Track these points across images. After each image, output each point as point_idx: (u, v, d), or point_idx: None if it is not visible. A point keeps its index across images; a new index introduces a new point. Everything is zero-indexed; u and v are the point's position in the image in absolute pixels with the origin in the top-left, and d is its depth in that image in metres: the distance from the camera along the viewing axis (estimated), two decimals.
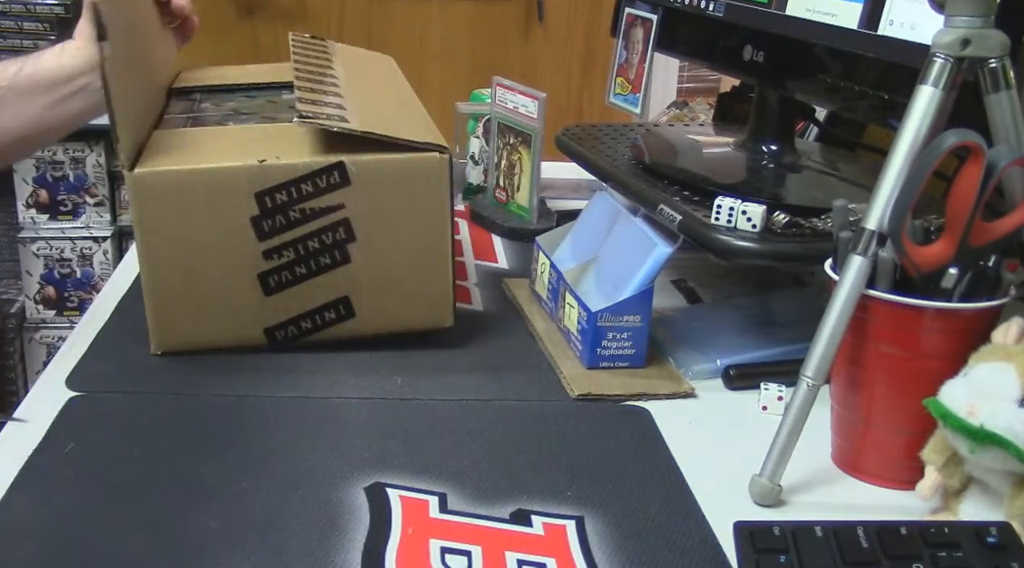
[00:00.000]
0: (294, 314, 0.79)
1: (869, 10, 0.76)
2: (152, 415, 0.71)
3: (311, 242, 0.77)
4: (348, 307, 0.79)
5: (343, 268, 0.78)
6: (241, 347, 0.79)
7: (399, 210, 0.77)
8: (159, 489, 0.63)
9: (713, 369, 0.81)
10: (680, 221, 0.80)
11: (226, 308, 0.78)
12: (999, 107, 0.63)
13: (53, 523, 0.59)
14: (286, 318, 0.79)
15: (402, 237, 0.78)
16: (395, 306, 0.80)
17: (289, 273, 0.77)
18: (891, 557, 0.52)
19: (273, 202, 0.75)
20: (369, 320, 0.80)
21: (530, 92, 1.07)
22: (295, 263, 0.77)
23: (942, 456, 0.60)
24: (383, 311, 0.80)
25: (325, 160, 0.75)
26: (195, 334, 0.78)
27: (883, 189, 0.62)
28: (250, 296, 0.78)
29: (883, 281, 0.64)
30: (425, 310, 0.81)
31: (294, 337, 0.80)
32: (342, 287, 0.79)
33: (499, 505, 0.63)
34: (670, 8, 0.98)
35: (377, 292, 0.79)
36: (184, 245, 0.75)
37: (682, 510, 0.63)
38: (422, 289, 0.80)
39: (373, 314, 0.80)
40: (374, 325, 0.80)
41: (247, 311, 0.78)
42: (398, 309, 0.80)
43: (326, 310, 0.79)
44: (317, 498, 0.62)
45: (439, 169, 0.77)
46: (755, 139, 0.95)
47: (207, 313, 0.78)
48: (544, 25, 2.54)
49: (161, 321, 0.78)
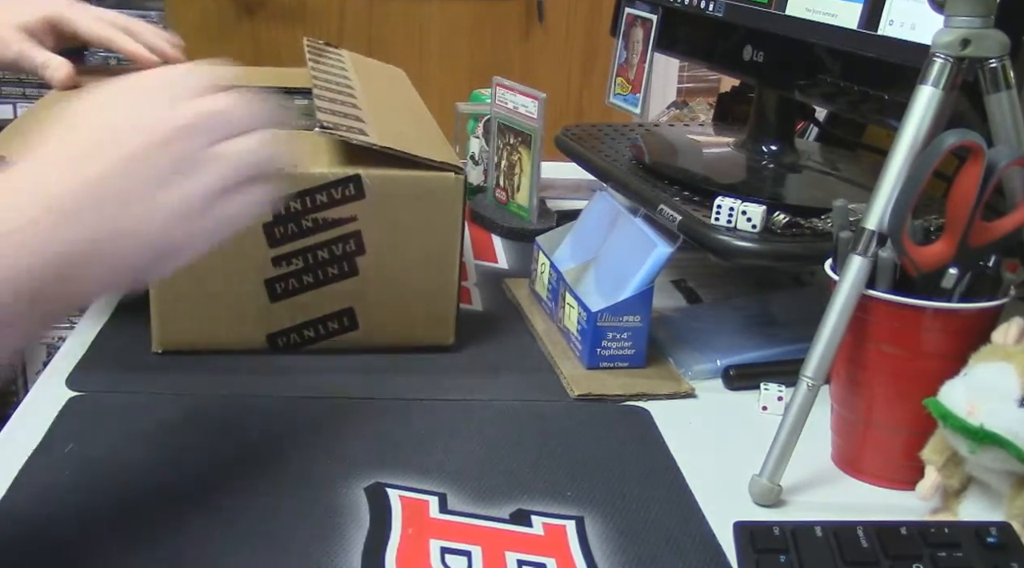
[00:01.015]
0: (298, 322, 0.79)
1: (869, 10, 0.76)
2: (152, 415, 0.71)
3: (321, 252, 0.77)
4: (352, 318, 0.79)
5: (350, 280, 0.78)
6: (243, 350, 0.79)
7: (410, 227, 0.77)
8: (159, 489, 0.63)
9: (713, 369, 0.81)
10: (680, 221, 0.80)
11: (230, 311, 0.78)
12: (999, 107, 0.63)
13: (53, 523, 0.59)
14: (290, 325, 0.79)
15: (411, 254, 0.78)
16: (399, 321, 0.80)
17: (296, 281, 0.78)
18: (891, 557, 0.52)
19: (287, 210, 0.75)
20: (372, 333, 0.80)
21: (530, 92, 1.07)
22: (303, 271, 0.77)
23: (942, 456, 0.60)
24: (386, 325, 0.80)
25: (343, 172, 0.75)
26: (197, 334, 0.78)
27: (883, 189, 0.62)
28: (255, 301, 0.78)
29: (883, 281, 0.64)
30: (428, 327, 0.81)
31: (296, 344, 0.80)
32: (347, 298, 0.79)
33: (499, 505, 0.63)
34: (670, 8, 0.98)
35: (382, 306, 0.79)
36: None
37: (682, 510, 0.63)
38: (426, 306, 0.80)
39: (376, 327, 0.80)
40: (376, 338, 0.80)
41: (251, 315, 0.78)
42: (401, 324, 0.80)
43: (330, 320, 0.79)
44: (317, 498, 0.62)
45: (454, 189, 0.77)
46: (755, 139, 0.95)
47: (211, 314, 0.78)
48: (544, 25, 2.55)
49: (165, 319, 0.78)
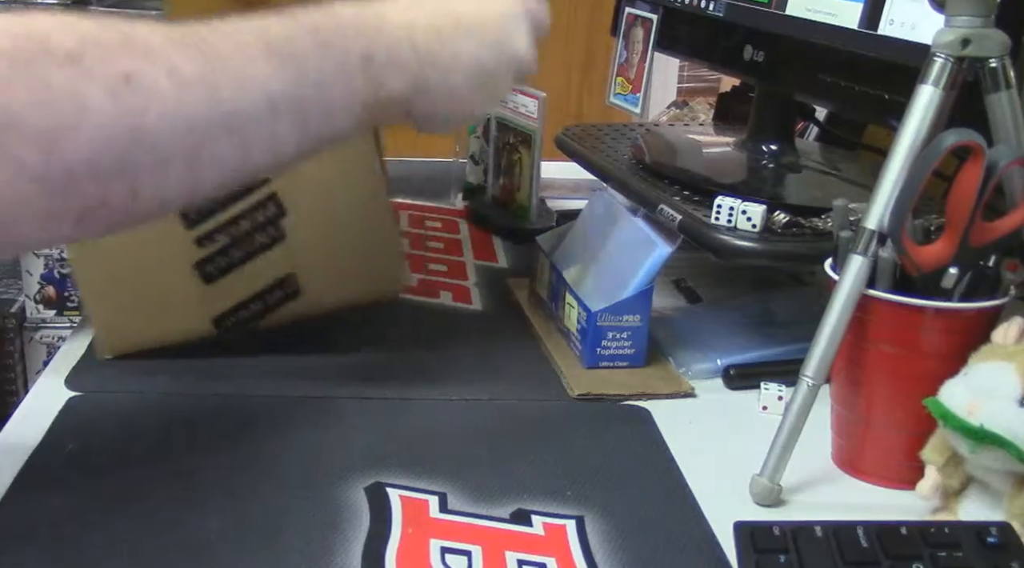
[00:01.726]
0: (239, 299, 0.76)
1: (869, 10, 0.76)
2: (152, 415, 0.71)
3: (243, 222, 0.74)
4: (293, 285, 0.77)
5: (280, 246, 0.75)
6: (191, 341, 0.77)
7: (325, 176, 0.74)
8: (159, 489, 0.63)
9: (713, 369, 0.81)
10: (680, 221, 0.80)
11: (168, 303, 0.76)
12: (999, 107, 0.63)
13: (53, 523, 0.59)
14: (232, 304, 0.76)
15: (334, 204, 0.75)
16: (341, 278, 0.77)
17: (226, 258, 0.75)
18: (891, 557, 0.52)
19: None
20: (317, 297, 0.77)
21: (530, 92, 1.07)
22: (230, 247, 0.75)
23: (942, 456, 0.60)
24: (329, 285, 0.77)
25: None
26: (142, 333, 0.76)
27: (883, 189, 0.62)
28: (190, 287, 0.75)
29: (883, 281, 0.64)
30: (374, 279, 0.78)
31: (244, 322, 0.77)
32: (283, 265, 0.76)
33: (499, 505, 0.63)
34: (670, 8, 0.98)
35: (319, 266, 0.76)
36: (112, 245, 0.72)
37: (682, 510, 0.63)
38: (367, 256, 0.77)
39: (320, 289, 0.77)
40: (323, 302, 0.77)
41: (190, 303, 0.76)
42: (345, 282, 0.77)
43: (271, 291, 0.77)
44: (317, 498, 0.62)
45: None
46: (755, 139, 0.95)
47: (150, 310, 0.76)
48: None
49: (107, 325, 0.76)
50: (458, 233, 1.11)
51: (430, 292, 0.94)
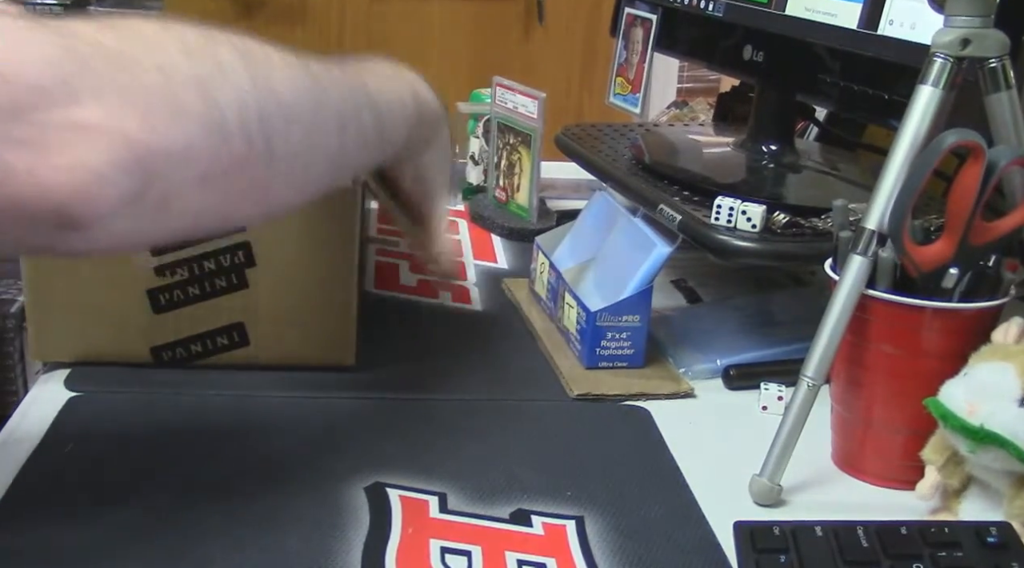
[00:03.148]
0: (184, 335, 0.76)
1: (869, 10, 0.76)
2: (152, 415, 0.71)
3: (207, 263, 0.74)
4: (242, 334, 0.76)
5: (240, 293, 0.75)
6: (126, 363, 0.76)
7: (304, 240, 0.74)
8: (159, 489, 0.63)
9: (713, 369, 0.81)
10: (680, 221, 0.80)
11: (111, 322, 0.75)
12: (999, 107, 0.63)
13: (53, 523, 0.59)
14: (175, 339, 0.76)
15: (305, 269, 0.75)
16: (293, 339, 0.77)
17: (181, 292, 0.74)
18: (891, 557, 0.52)
19: None
20: (264, 350, 0.77)
21: (530, 92, 1.07)
22: (188, 283, 0.74)
23: (942, 456, 0.60)
24: (279, 342, 0.77)
25: None
26: (77, 346, 0.76)
27: (883, 189, 0.62)
28: (137, 311, 0.74)
29: (883, 281, 0.64)
30: (325, 346, 0.77)
31: (183, 359, 0.76)
32: (237, 313, 0.76)
33: (499, 505, 0.63)
34: (670, 8, 0.98)
35: (274, 322, 0.76)
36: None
37: (682, 510, 0.63)
38: (323, 324, 0.77)
39: (269, 344, 0.77)
40: (268, 355, 0.77)
41: (133, 327, 0.75)
42: (296, 342, 0.77)
43: (219, 335, 0.76)
44: (317, 498, 0.62)
45: (350, 198, 0.74)
46: (755, 139, 0.95)
47: (91, 325, 0.75)
48: (544, 25, 2.54)
49: (41, 330, 0.75)
50: (458, 233, 1.11)
51: (430, 292, 0.94)
